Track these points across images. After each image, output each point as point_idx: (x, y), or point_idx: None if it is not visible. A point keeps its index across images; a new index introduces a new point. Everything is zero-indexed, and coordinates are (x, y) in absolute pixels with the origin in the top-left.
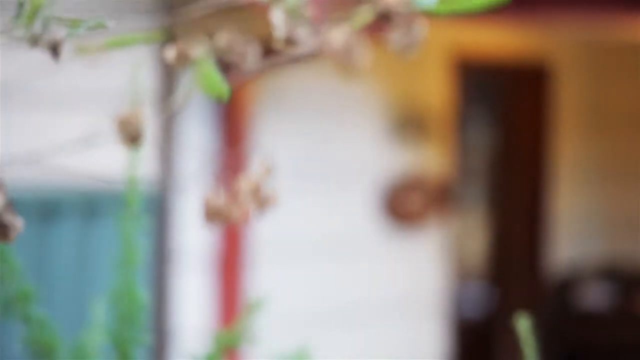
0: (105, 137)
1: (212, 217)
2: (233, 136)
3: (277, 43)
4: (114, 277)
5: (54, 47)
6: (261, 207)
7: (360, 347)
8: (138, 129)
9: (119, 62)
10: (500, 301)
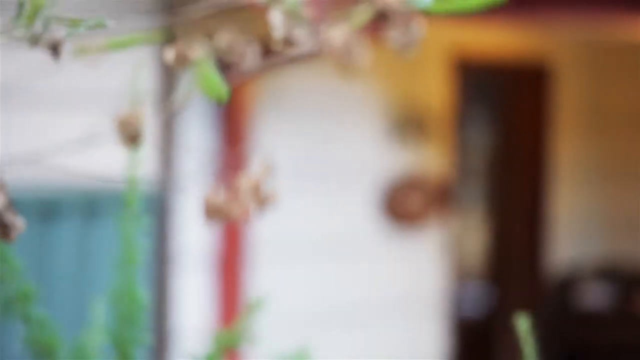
0: (105, 137)
1: (212, 215)
2: (233, 136)
3: (276, 43)
4: (114, 277)
5: (54, 47)
6: (261, 206)
7: (360, 347)
8: (138, 129)
9: (119, 63)
10: (500, 301)
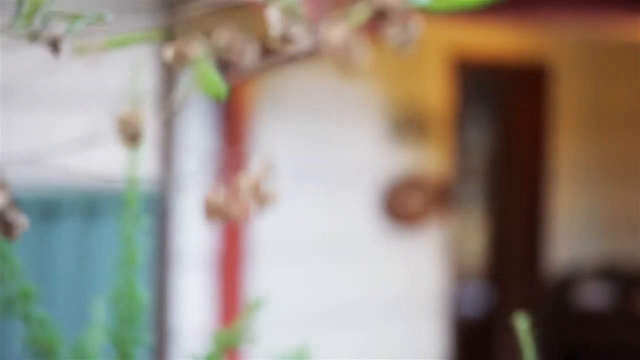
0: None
1: (212, 214)
2: (233, 136)
3: (274, 41)
4: (114, 277)
5: (53, 44)
6: (261, 205)
7: (360, 346)
8: (138, 128)
9: (118, 62)
10: (500, 301)
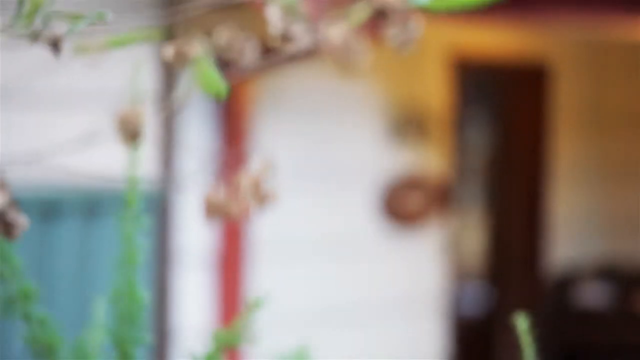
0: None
1: (212, 213)
2: (233, 136)
3: (274, 40)
4: (115, 277)
5: (54, 44)
6: (261, 204)
7: (360, 346)
8: (138, 126)
9: (118, 61)
10: (500, 300)
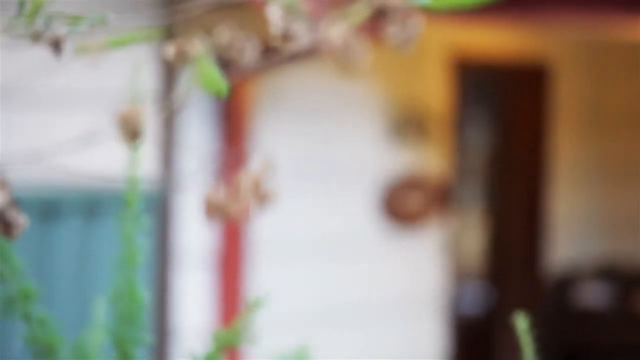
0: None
1: (213, 213)
2: (233, 135)
3: (274, 39)
4: (115, 277)
5: (56, 44)
6: (261, 204)
7: (360, 346)
8: (138, 125)
9: (118, 61)
10: (500, 300)
